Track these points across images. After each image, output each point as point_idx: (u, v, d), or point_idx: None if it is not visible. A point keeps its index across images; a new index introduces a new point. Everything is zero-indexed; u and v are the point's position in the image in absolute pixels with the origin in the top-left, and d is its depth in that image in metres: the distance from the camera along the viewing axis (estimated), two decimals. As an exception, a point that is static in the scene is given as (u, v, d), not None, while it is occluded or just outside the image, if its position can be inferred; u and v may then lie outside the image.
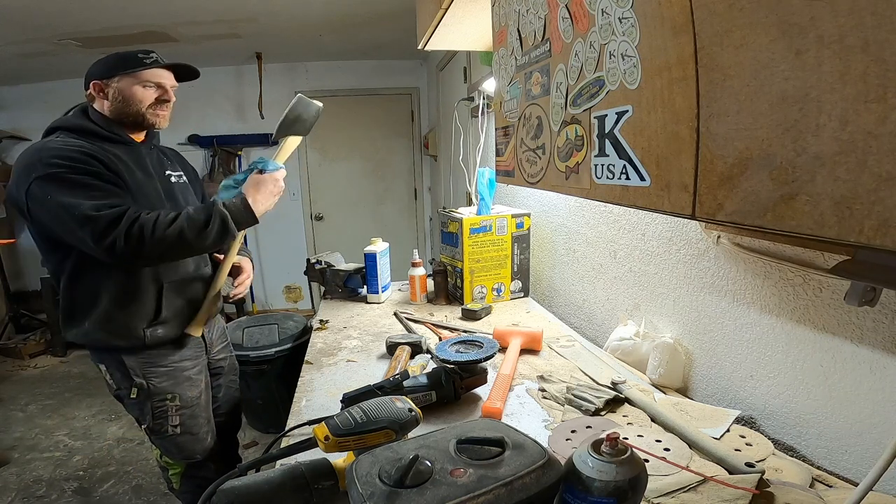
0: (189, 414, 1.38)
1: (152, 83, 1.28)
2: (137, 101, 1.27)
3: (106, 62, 1.27)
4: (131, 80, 1.25)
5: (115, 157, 1.23)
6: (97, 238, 1.10)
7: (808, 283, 0.80)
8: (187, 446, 1.41)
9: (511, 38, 0.97)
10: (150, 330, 1.29)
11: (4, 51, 3.07)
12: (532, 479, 0.58)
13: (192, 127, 4.16)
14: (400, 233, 4.60)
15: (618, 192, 0.66)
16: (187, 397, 1.37)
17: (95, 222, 1.10)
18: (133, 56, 1.26)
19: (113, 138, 1.27)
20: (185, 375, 1.37)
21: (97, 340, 1.27)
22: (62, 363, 3.69)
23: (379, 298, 1.81)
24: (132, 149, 1.31)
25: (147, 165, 1.32)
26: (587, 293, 1.54)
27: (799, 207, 0.42)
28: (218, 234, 1.18)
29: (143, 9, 2.60)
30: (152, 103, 1.29)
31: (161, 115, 1.32)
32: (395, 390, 0.96)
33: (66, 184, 1.12)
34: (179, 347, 1.37)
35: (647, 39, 0.58)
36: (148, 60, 1.27)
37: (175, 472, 1.47)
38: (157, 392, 1.32)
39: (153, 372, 1.32)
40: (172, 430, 1.37)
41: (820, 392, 0.80)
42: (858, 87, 0.36)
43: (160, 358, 1.33)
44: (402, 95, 4.52)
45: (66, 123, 1.26)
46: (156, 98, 1.29)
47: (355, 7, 2.81)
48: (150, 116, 1.30)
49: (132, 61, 1.26)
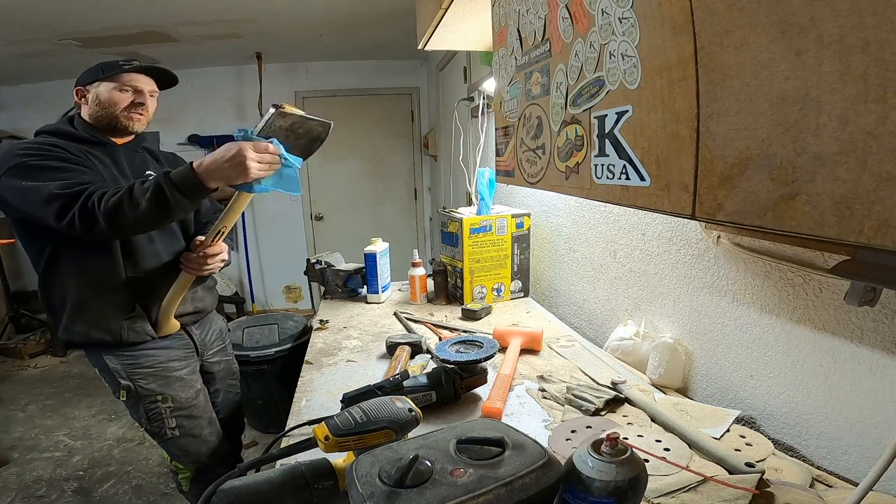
0: (186, 415, 1.37)
1: (129, 87, 1.30)
2: (113, 104, 1.29)
3: (91, 70, 1.31)
4: (109, 83, 1.29)
5: (88, 155, 1.26)
6: (58, 214, 1.11)
7: (808, 283, 0.80)
8: (191, 448, 1.40)
9: (511, 38, 0.97)
10: (126, 323, 1.28)
11: (4, 51, 3.07)
12: (532, 479, 0.58)
13: (192, 127, 4.16)
14: (400, 233, 4.60)
15: (618, 192, 0.66)
16: (181, 398, 1.36)
17: (60, 199, 1.11)
18: (114, 62, 1.30)
19: (90, 140, 1.30)
20: (176, 376, 1.36)
21: (79, 334, 1.27)
22: (62, 363, 3.69)
23: (379, 298, 1.81)
24: (109, 149, 1.33)
25: (123, 165, 1.33)
26: (587, 293, 1.53)
27: (799, 207, 0.42)
28: (157, 201, 1.10)
29: (143, 9, 2.60)
30: (127, 106, 1.31)
31: (136, 118, 1.33)
32: (395, 390, 0.96)
33: (35, 169, 1.15)
34: (162, 347, 1.35)
35: (647, 39, 0.58)
36: (126, 66, 1.30)
37: (185, 475, 1.47)
38: (145, 394, 1.32)
39: (138, 373, 1.31)
40: (171, 432, 1.36)
41: (820, 392, 0.80)
42: (858, 87, 0.36)
43: (144, 358, 1.32)
44: (402, 95, 4.52)
45: (48, 128, 1.31)
46: (131, 101, 1.31)
47: (355, 7, 2.81)
48: (123, 119, 1.31)
49: (112, 66, 1.29)
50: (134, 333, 1.29)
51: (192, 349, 1.46)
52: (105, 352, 1.30)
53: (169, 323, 1.35)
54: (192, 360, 1.44)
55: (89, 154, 1.26)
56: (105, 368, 1.31)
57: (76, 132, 1.29)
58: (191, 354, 1.44)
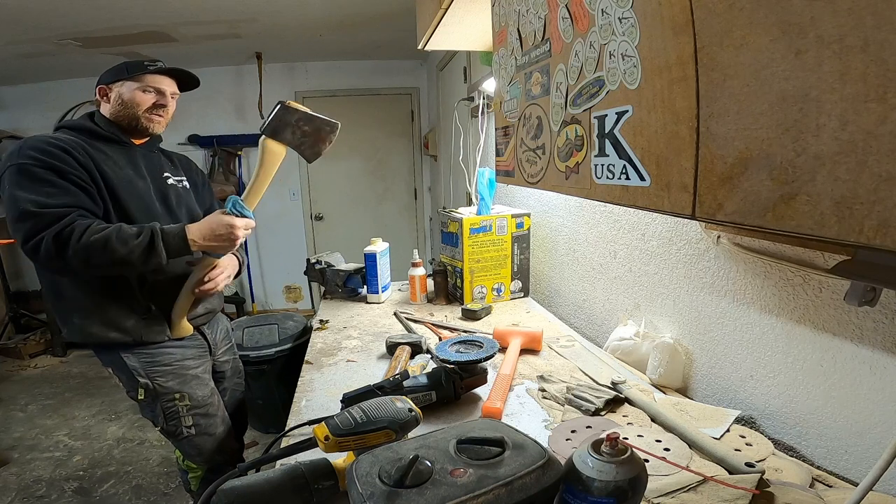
0: (203, 413, 1.38)
1: (152, 88, 1.31)
2: (135, 105, 1.30)
3: (115, 68, 1.32)
4: (133, 83, 1.30)
5: (102, 154, 1.26)
6: (29, 235, 1.10)
7: (808, 283, 0.80)
8: (206, 447, 1.41)
9: (511, 38, 0.97)
10: (144, 323, 1.28)
11: (4, 51, 3.07)
12: (532, 479, 0.58)
13: (192, 127, 4.16)
14: (400, 233, 4.60)
15: (618, 192, 0.66)
16: (198, 397, 1.37)
17: (35, 218, 1.10)
18: (139, 62, 1.31)
19: (110, 137, 1.31)
20: (192, 374, 1.37)
21: (94, 336, 1.26)
22: (62, 363, 3.69)
23: (379, 298, 1.81)
24: (127, 149, 1.33)
25: (140, 166, 1.34)
26: (587, 293, 1.53)
27: (799, 207, 0.42)
28: (144, 250, 1.14)
29: (143, 9, 2.60)
30: (149, 107, 1.32)
31: (156, 119, 1.34)
32: (395, 390, 0.96)
33: (26, 176, 1.14)
34: (179, 346, 1.36)
35: (647, 39, 0.58)
36: (152, 67, 1.31)
37: (195, 475, 1.47)
38: (164, 392, 1.32)
39: (156, 371, 1.31)
40: (187, 430, 1.36)
41: (820, 392, 0.80)
42: (858, 87, 0.36)
43: (162, 356, 1.32)
44: (402, 95, 4.52)
45: (70, 123, 1.31)
46: (153, 103, 1.32)
47: (355, 7, 2.81)
48: (144, 120, 1.32)
49: (136, 66, 1.30)
50: (152, 333, 1.30)
51: (206, 349, 1.47)
52: (123, 350, 1.29)
53: (181, 324, 1.35)
54: (206, 359, 1.46)
55: (101, 152, 1.26)
56: (122, 367, 1.30)
57: (98, 129, 1.30)
58: (204, 354, 1.45)
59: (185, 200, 1.44)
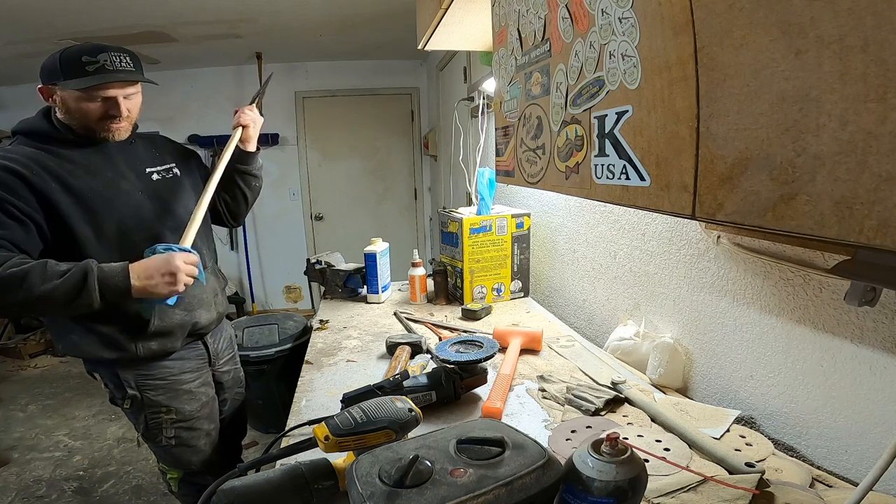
0: (186, 427, 1.33)
1: (98, 96, 1.11)
2: (83, 115, 1.13)
3: (49, 66, 1.10)
4: (74, 91, 1.09)
5: (69, 164, 1.12)
6: None
7: (808, 283, 0.80)
8: (182, 457, 1.37)
9: (511, 38, 0.97)
10: (142, 344, 1.22)
11: (4, 51, 3.07)
12: (532, 479, 0.58)
13: (192, 127, 4.15)
14: (400, 233, 4.60)
15: (618, 192, 0.66)
16: (185, 411, 1.32)
17: None
18: (75, 60, 1.08)
19: (77, 142, 1.16)
20: (185, 389, 1.32)
21: (88, 353, 1.21)
22: (62, 363, 3.69)
23: (379, 298, 1.81)
24: (98, 148, 1.18)
25: (119, 164, 1.21)
26: (587, 293, 1.53)
27: (799, 207, 0.42)
28: (72, 289, 1.00)
29: (143, 9, 2.60)
30: (100, 118, 1.14)
31: (114, 128, 1.17)
32: (395, 390, 0.96)
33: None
34: (177, 359, 1.31)
35: (647, 39, 0.58)
36: (91, 68, 1.08)
37: (172, 476, 1.44)
38: (150, 404, 1.27)
39: (148, 385, 1.26)
40: (167, 440, 1.32)
41: (820, 392, 0.80)
42: (858, 87, 0.36)
43: (157, 370, 1.27)
44: (402, 95, 4.52)
45: (27, 127, 1.17)
46: (104, 113, 1.14)
47: (355, 7, 2.81)
48: (101, 131, 1.16)
49: (72, 69, 1.08)
50: (148, 350, 1.23)
51: (206, 360, 1.41)
52: (117, 365, 1.24)
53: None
54: (205, 370, 1.40)
55: (68, 161, 1.12)
56: (111, 376, 1.25)
57: (59, 133, 1.14)
58: (203, 365, 1.40)
59: (176, 194, 1.30)
